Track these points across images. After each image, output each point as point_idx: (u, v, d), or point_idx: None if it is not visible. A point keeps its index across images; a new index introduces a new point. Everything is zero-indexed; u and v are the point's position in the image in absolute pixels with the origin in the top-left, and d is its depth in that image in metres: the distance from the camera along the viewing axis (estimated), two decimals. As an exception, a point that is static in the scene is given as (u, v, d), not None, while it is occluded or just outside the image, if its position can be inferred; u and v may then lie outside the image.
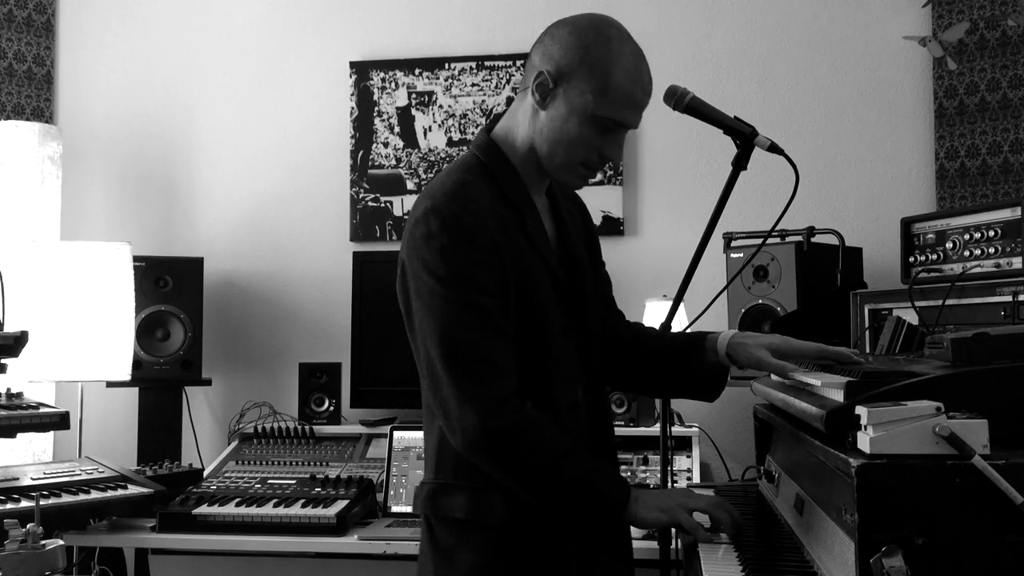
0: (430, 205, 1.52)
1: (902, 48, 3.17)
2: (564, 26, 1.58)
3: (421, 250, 1.51)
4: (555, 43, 1.56)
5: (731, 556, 1.55)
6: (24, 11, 3.65)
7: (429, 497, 1.60)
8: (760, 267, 2.75)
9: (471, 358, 1.48)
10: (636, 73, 1.55)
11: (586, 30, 1.56)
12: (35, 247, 3.01)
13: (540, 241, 1.60)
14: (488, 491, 1.52)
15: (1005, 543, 1.12)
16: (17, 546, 1.76)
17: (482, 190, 1.56)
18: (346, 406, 3.23)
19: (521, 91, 1.63)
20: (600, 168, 1.64)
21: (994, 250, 2.19)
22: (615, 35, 1.56)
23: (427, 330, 1.51)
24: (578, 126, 1.55)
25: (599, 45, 1.54)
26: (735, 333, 1.72)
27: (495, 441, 1.47)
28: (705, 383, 1.76)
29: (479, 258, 1.50)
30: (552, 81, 1.55)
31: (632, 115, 1.58)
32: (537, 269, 1.57)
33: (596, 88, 1.53)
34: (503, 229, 1.54)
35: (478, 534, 1.54)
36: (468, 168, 1.61)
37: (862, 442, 1.20)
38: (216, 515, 2.49)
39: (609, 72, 1.53)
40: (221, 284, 3.53)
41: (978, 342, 1.36)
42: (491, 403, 1.46)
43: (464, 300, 1.48)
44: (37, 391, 2.97)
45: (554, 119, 1.56)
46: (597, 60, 1.53)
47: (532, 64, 1.59)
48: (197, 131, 3.65)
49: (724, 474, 3.01)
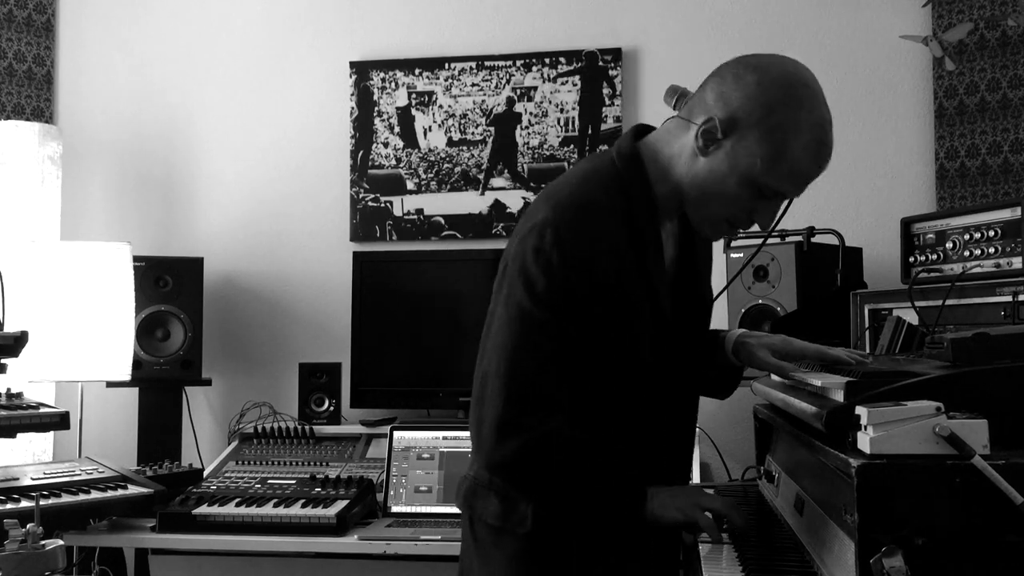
0: (551, 217, 1.45)
1: (902, 48, 3.17)
2: (752, 71, 1.44)
3: (527, 260, 1.44)
4: (737, 88, 1.43)
5: (731, 556, 1.55)
6: (24, 11, 3.65)
7: (467, 495, 1.58)
8: (760, 267, 2.75)
9: (534, 388, 1.44)
10: (817, 148, 1.43)
11: (775, 84, 1.42)
12: (35, 247, 3.01)
13: (656, 276, 1.52)
14: (519, 500, 1.50)
15: (1005, 543, 1.12)
16: (17, 546, 1.76)
17: (608, 212, 1.47)
18: (346, 406, 3.22)
19: (684, 119, 1.50)
20: (746, 228, 1.53)
21: (994, 250, 2.19)
22: (807, 99, 1.42)
23: (501, 340, 1.46)
24: (737, 186, 1.44)
25: (784, 107, 1.41)
26: (741, 332, 1.70)
27: (523, 471, 1.47)
28: (720, 380, 1.76)
29: (580, 286, 1.43)
30: (721, 132, 1.43)
31: (798, 189, 1.47)
32: (642, 303, 1.50)
33: (768, 155, 1.41)
34: (615, 259, 1.46)
35: (509, 538, 1.52)
36: (602, 181, 1.51)
37: (862, 442, 1.20)
38: (216, 515, 2.49)
39: (787, 141, 1.41)
40: (221, 284, 3.53)
41: (978, 342, 1.36)
42: (534, 438, 1.44)
43: (547, 325, 1.43)
44: (37, 391, 2.97)
45: (713, 171, 1.45)
46: (777, 125, 1.40)
47: (704, 100, 1.47)
48: (197, 131, 3.65)
49: (724, 474, 3.01)
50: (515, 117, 3.44)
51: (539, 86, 3.42)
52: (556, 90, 3.41)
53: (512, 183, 3.43)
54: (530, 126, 3.42)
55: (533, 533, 1.49)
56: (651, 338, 1.52)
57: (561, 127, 3.40)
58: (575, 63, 3.40)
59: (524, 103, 3.43)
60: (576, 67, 3.40)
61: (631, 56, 3.39)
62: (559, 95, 3.41)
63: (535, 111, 3.42)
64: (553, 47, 3.43)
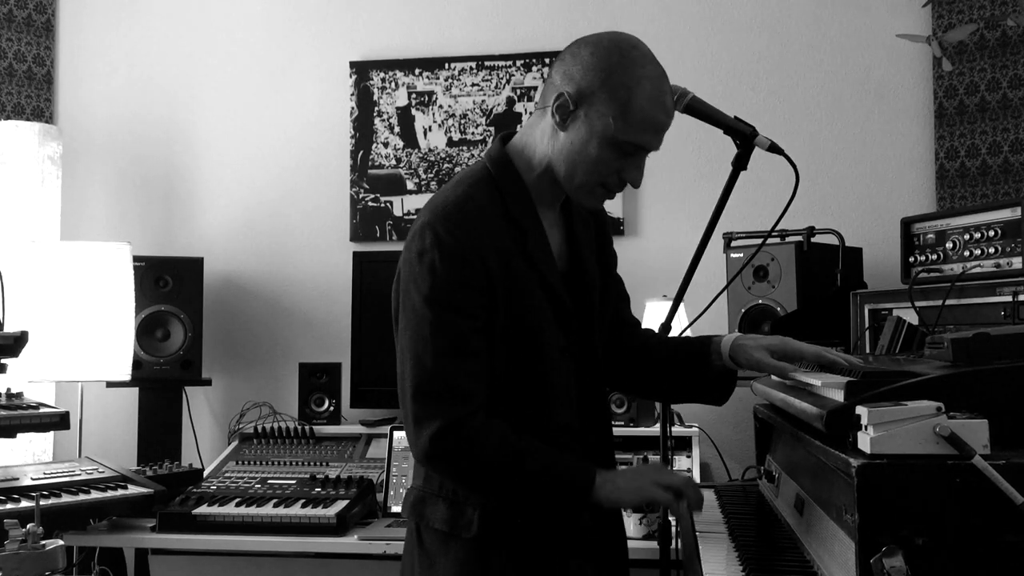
0: (428, 220, 1.53)
1: (902, 48, 3.17)
2: (585, 46, 1.55)
3: (413, 264, 1.53)
4: (576, 64, 1.54)
5: (732, 556, 1.55)
6: (24, 11, 3.65)
7: (415, 504, 1.64)
8: (760, 267, 2.75)
9: (435, 380, 1.50)
10: (658, 96, 1.53)
11: (608, 51, 1.53)
12: (35, 247, 3.01)
13: (541, 260, 1.58)
14: (467, 505, 1.55)
15: (1005, 543, 1.12)
16: (17, 546, 1.76)
17: (484, 207, 1.55)
18: (346, 406, 3.22)
19: (540, 108, 1.60)
20: (619, 189, 1.62)
21: (994, 250, 2.19)
22: (638, 57, 1.54)
23: (404, 343, 1.54)
24: (598, 149, 1.53)
25: (621, 68, 1.52)
26: (737, 336, 1.72)
27: (446, 459, 1.52)
28: (714, 387, 1.76)
29: (465, 278, 1.50)
30: (573, 103, 1.53)
31: (654, 139, 1.56)
32: (533, 289, 1.56)
33: (617, 112, 1.51)
34: (498, 250, 1.53)
35: (456, 544, 1.57)
36: (475, 182, 1.60)
37: (862, 442, 1.20)
38: (216, 515, 2.48)
39: (631, 96, 1.51)
40: (221, 284, 3.53)
41: (978, 342, 1.36)
42: (445, 424, 1.49)
43: (441, 320, 1.50)
44: (37, 391, 2.97)
45: (574, 141, 1.55)
46: (619, 83, 1.51)
47: (552, 83, 1.57)
48: (197, 131, 3.65)
49: (724, 474, 3.01)
50: (515, 117, 3.44)
51: (539, 86, 3.42)
52: (556, 90, 3.41)
53: (512, 183, 3.42)
54: (530, 126, 3.42)
55: (479, 537, 1.54)
56: (550, 318, 1.57)
57: (561, 127, 3.40)
58: (575, 63, 3.40)
59: (524, 103, 3.43)
60: (576, 67, 3.39)
61: (631, 56, 3.39)
62: (559, 95, 3.40)
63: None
64: (553, 47, 3.42)
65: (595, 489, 1.51)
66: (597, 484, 1.51)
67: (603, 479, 1.52)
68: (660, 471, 1.62)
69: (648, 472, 1.60)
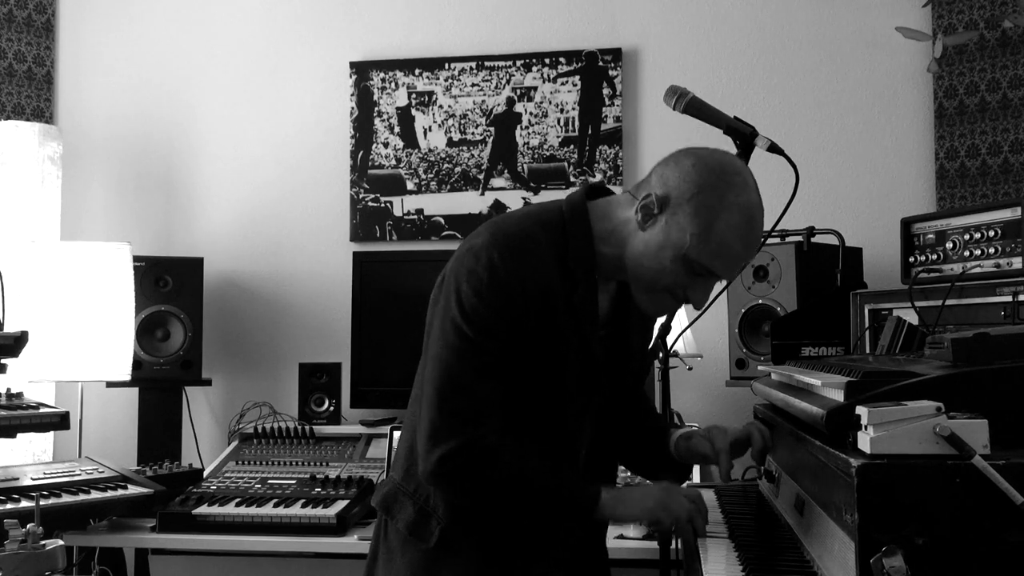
0: (488, 242, 1.53)
1: (902, 48, 3.17)
2: (690, 156, 1.54)
3: (462, 278, 1.53)
4: (676, 170, 1.53)
5: (732, 556, 1.55)
6: (24, 11, 3.65)
7: (385, 497, 1.66)
8: (760, 267, 2.75)
9: (458, 394, 1.51)
10: (744, 228, 1.50)
11: (709, 169, 1.51)
12: (35, 247, 3.01)
13: (583, 312, 1.58)
14: (433, 516, 1.57)
15: (1005, 543, 1.12)
16: (17, 546, 1.76)
17: (544, 248, 1.54)
18: (346, 406, 3.22)
19: (632, 194, 1.59)
20: (680, 304, 1.60)
21: (994, 250, 2.19)
22: (737, 183, 1.51)
23: (435, 352, 1.55)
24: (670, 261, 1.51)
25: (715, 188, 1.49)
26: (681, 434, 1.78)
27: (449, 481, 1.53)
28: (671, 470, 1.80)
29: (507, 310, 1.51)
30: (658, 207, 1.52)
31: (726, 268, 1.54)
32: (568, 336, 1.56)
33: (697, 230, 1.49)
34: (544, 292, 1.52)
35: (412, 548, 1.60)
36: (545, 221, 1.58)
37: (862, 442, 1.20)
38: (216, 515, 2.48)
39: (715, 218, 1.48)
40: (221, 284, 3.53)
41: (978, 342, 1.36)
42: (458, 446, 1.50)
43: (477, 341, 1.51)
44: (37, 391, 2.97)
45: (649, 244, 1.53)
46: (707, 202, 1.48)
47: (648, 180, 1.57)
48: (197, 131, 3.65)
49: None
50: (515, 117, 3.44)
51: (539, 86, 3.42)
52: (556, 90, 3.41)
53: (512, 183, 3.43)
54: (530, 126, 3.43)
55: (434, 549, 1.56)
56: (578, 374, 1.58)
57: (561, 127, 3.40)
58: (575, 63, 3.40)
59: (524, 103, 3.43)
60: (576, 67, 3.40)
61: (631, 56, 3.39)
62: (559, 95, 3.41)
63: (535, 111, 3.42)
64: (553, 47, 3.43)
65: (599, 508, 1.53)
66: (602, 502, 1.53)
67: (609, 497, 1.54)
68: (671, 493, 1.62)
69: (657, 494, 1.61)
